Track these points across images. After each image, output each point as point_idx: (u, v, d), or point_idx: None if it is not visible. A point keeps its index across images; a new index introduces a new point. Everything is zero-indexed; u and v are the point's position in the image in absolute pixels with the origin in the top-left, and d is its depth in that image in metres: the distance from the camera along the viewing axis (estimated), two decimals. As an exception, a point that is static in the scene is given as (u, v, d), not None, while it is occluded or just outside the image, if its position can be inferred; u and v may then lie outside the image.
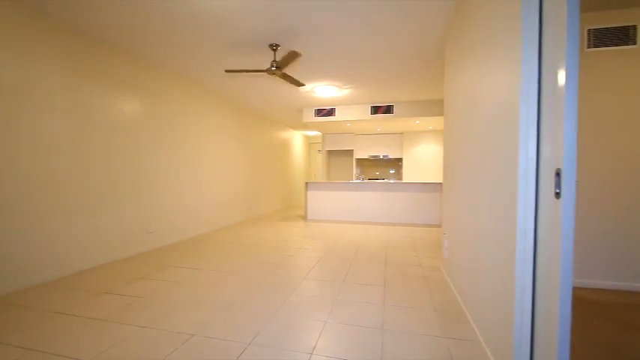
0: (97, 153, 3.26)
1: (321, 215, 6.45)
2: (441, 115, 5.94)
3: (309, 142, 11.48)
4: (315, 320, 2.07)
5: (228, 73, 3.71)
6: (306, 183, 6.54)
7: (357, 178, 9.04)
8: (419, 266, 3.27)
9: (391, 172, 9.14)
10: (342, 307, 2.28)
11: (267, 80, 4.72)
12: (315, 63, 3.99)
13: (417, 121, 6.82)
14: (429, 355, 1.68)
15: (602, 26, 2.58)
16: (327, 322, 2.04)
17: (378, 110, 6.27)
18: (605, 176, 2.61)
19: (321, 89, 5.20)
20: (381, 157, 8.59)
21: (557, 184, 1.06)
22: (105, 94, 3.35)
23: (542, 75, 1.21)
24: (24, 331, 1.93)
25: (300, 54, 3.25)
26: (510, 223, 1.35)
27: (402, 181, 6.20)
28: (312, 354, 1.69)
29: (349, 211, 6.28)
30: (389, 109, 6.24)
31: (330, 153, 9.39)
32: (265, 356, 1.67)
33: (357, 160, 9.00)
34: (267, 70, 3.42)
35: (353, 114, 6.43)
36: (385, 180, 8.41)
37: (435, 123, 7.05)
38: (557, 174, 1.06)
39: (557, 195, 1.06)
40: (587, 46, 2.61)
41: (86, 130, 3.14)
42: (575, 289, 2.60)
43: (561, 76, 1.04)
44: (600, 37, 2.59)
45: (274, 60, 3.40)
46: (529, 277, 1.26)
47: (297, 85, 3.95)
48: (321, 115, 6.62)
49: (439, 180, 6.97)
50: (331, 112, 6.55)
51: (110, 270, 3.13)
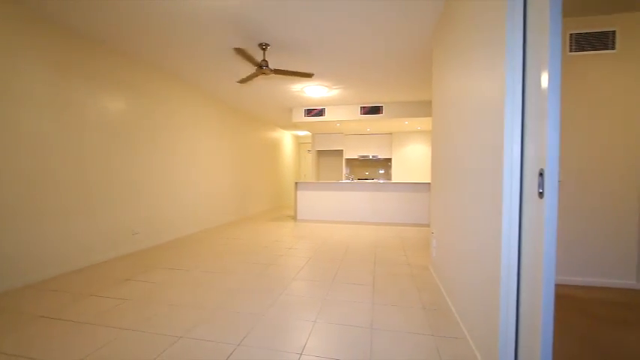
0: (84, 153, 3.18)
1: (311, 215, 6.45)
2: (430, 116, 6.02)
3: (298, 142, 11.46)
4: (305, 320, 2.07)
5: (240, 83, 3.79)
6: (296, 183, 6.53)
7: (347, 178, 9.07)
8: (407, 265, 3.30)
9: (380, 172, 9.21)
10: (331, 306, 2.28)
11: (257, 80, 4.68)
12: (305, 63, 3.99)
13: (406, 122, 6.89)
14: (417, 354, 1.70)
15: (584, 31, 2.66)
16: (316, 322, 2.04)
17: (366, 110, 6.31)
18: (585, 176, 2.69)
19: (311, 89, 5.20)
20: (371, 157, 8.65)
21: (541, 184, 1.08)
22: (92, 92, 3.27)
23: (526, 77, 1.24)
24: (4, 336, 1.86)
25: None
26: (496, 222, 1.38)
27: (391, 181, 6.25)
28: (301, 354, 1.69)
29: (339, 211, 6.30)
30: (378, 109, 6.28)
31: (320, 153, 9.39)
32: (254, 357, 1.66)
33: (347, 160, 9.03)
34: (257, 69, 3.39)
35: (342, 114, 6.46)
36: (374, 180, 8.47)
37: (424, 124, 7.14)
38: (541, 174, 1.09)
39: (541, 195, 1.09)
40: (570, 50, 2.68)
41: (71, 130, 3.06)
42: (556, 285, 2.68)
43: (544, 79, 1.07)
44: (582, 42, 2.67)
45: (264, 59, 3.39)
46: (514, 274, 1.29)
47: (305, 77, 3.88)
48: (311, 115, 6.62)
49: (427, 180, 7.06)
50: (321, 112, 6.56)
51: (95, 272, 3.06)
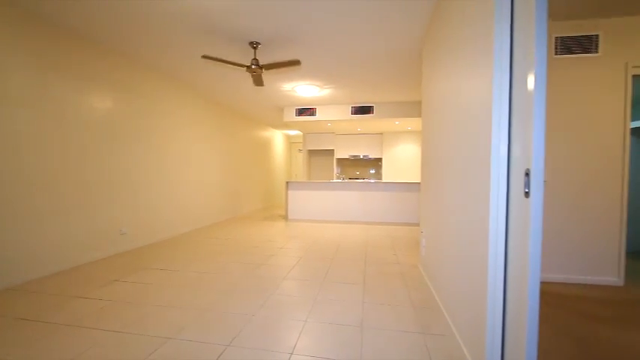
0: (68, 151, 3.10)
1: (302, 215, 6.45)
2: (419, 117, 6.07)
3: (290, 142, 11.43)
4: (295, 320, 2.07)
5: (203, 58, 3.49)
6: (287, 182, 6.51)
7: (338, 177, 9.10)
8: (397, 264, 3.33)
9: (371, 171, 9.26)
10: (322, 306, 2.29)
11: (247, 78, 4.65)
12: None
13: (397, 122, 6.94)
14: (406, 351, 1.72)
15: (569, 34, 2.73)
16: (307, 322, 2.04)
17: (357, 110, 6.34)
18: (569, 175, 2.76)
19: (302, 89, 5.19)
20: (362, 157, 8.69)
21: (527, 183, 1.11)
22: (81, 91, 3.20)
23: (514, 79, 1.26)
24: (-16, 340, 1.81)
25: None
26: (483, 221, 1.40)
27: (382, 181, 6.29)
28: (292, 354, 1.69)
29: (330, 211, 6.31)
30: (369, 109, 6.32)
31: (311, 152, 9.39)
32: (245, 357, 1.65)
33: (338, 160, 9.05)
34: (247, 68, 3.37)
35: (334, 114, 6.47)
36: (365, 180, 8.51)
37: (414, 124, 7.21)
38: (527, 174, 1.11)
39: (527, 194, 1.11)
40: (555, 53, 2.75)
41: (54, 127, 2.98)
42: (541, 283, 2.74)
43: (530, 81, 1.09)
44: (567, 45, 2.74)
45: (254, 58, 3.36)
46: (500, 273, 1.31)
47: (256, 85, 3.85)
48: (302, 115, 6.61)
49: (417, 180, 7.13)
50: (312, 111, 6.56)
51: (81, 273, 2.99)
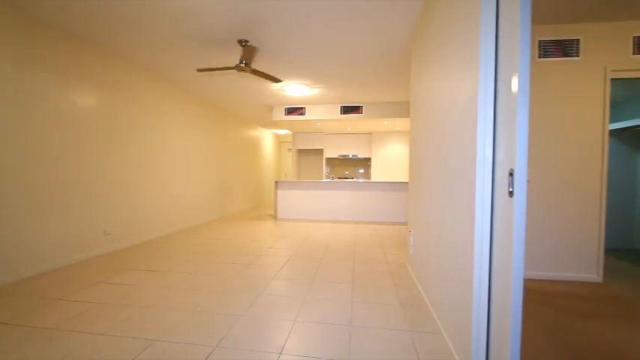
0: (49, 148, 3.01)
1: (291, 214, 6.43)
2: (408, 117, 6.14)
3: (279, 141, 11.38)
4: (284, 320, 2.07)
5: (199, 71, 3.54)
6: (276, 182, 6.49)
7: (327, 177, 9.11)
8: (386, 263, 3.36)
9: (360, 171, 9.31)
10: (311, 305, 2.29)
11: (236, 77, 4.61)
12: (285, 61, 3.96)
13: (385, 122, 7.00)
14: (394, 348, 1.74)
15: (552, 38, 2.80)
16: (296, 321, 2.04)
17: (346, 110, 6.36)
18: (553, 176, 2.84)
19: (292, 88, 5.17)
20: (351, 156, 8.72)
21: (511, 183, 1.14)
22: (62, 88, 3.10)
23: (498, 81, 1.29)
24: (-41, 346, 1.74)
25: (257, 48, 3.33)
26: (469, 220, 1.43)
27: (371, 181, 6.33)
28: (280, 353, 1.68)
29: (319, 210, 6.32)
30: (358, 109, 6.35)
31: (300, 152, 9.37)
32: (233, 358, 1.64)
33: (327, 160, 9.07)
34: (236, 67, 3.34)
35: (323, 113, 6.47)
36: (354, 179, 8.55)
37: (402, 124, 7.28)
38: (511, 174, 1.14)
39: (511, 194, 1.14)
40: (539, 56, 2.82)
41: (35, 124, 2.89)
42: (524, 280, 2.81)
43: (514, 83, 1.12)
44: (550, 49, 2.81)
45: (243, 56, 3.34)
46: (486, 270, 1.34)
47: (273, 82, 3.79)
48: (292, 114, 6.59)
49: (406, 179, 7.21)
50: (301, 111, 6.55)
51: (62, 275, 2.90)
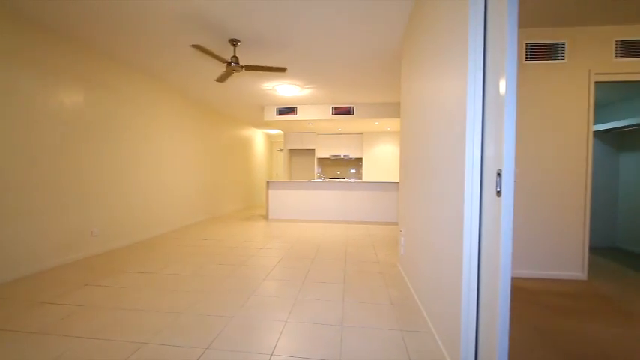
0: (33, 149, 2.93)
1: (283, 215, 6.41)
2: (399, 118, 6.19)
3: (270, 141, 11.34)
4: (276, 320, 2.06)
5: (193, 48, 3.23)
6: (268, 182, 6.46)
7: (319, 177, 9.12)
8: (377, 263, 3.38)
9: (352, 171, 9.34)
10: (302, 305, 2.29)
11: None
12: (277, 60, 3.95)
13: (376, 123, 7.04)
14: (385, 348, 1.75)
15: (538, 41, 2.86)
16: (287, 322, 2.04)
17: (338, 110, 6.38)
18: (539, 176, 2.90)
19: (283, 88, 5.16)
20: (342, 156, 8.75)
21: (498, 183, 1.16)
22: (47, 85, 3.03)
23: (486, 83, 1.32)
24: (-62, 352, 1.69)
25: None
26: (458, 219, 1.45)
27: (362, 181, 6.36)
28: (272, 354, 1.68)
29: (311, 211, 6.32)
30: (349, 109, 6.37)
31: (292, 152, 9.36)
32: (223, 360, 1.63)
33: (319, 160, 9.07)
34: (227, 65, 3.31)
35: (314, 114, 6.48)
36: (346, 179, 8.57)
37: (393, 125, 7.34)
38: (499, 174, 1.16)
39: (498, 193, 1.16)
40: (526, 59, 2.88)
41: (21, 123, 2.81)
42: (512, 278, 2.87)
43: (502, 85, 1.14)
44: (536, 51, 2.87)
45: (234, 55, 3.32)
46: (474, 269, 1.36)
47: (278, 71, 3.64)
48: (283, 114, 6.58)
49: (397, 180, 7.26)
50: (293, 111, 6.54)
51: (48, 277, 2.84)
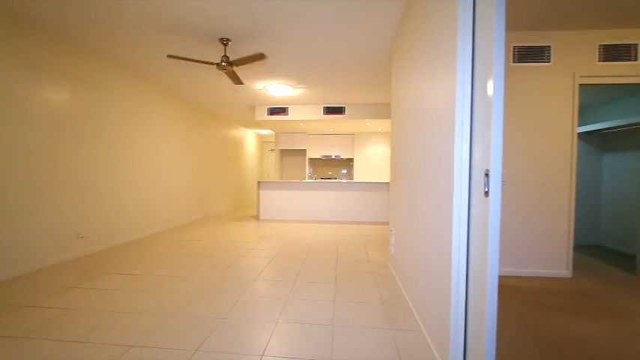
0: (16, 148, 2.85)
1: (274, 215, 6.39)
2: (389, 118, 6.23)
3: (261, 141, 11.28)
4: (267, 321, 2.05)
5: (170, 58, 3.26)
6: (259, 182, 6.43)
7: (310, 177, 9.11)
8: (368, 263, 3.40)
9: (343, 172, 9.36)
10: (293, 306, 2.28)
11: (218, 76, 4.53)
12: (268, 61, 3.94)
13: (367, 123, 7.08)
14: (376, 347, 1.76)
15: (525, 44, 2.92)
16: (278, 323, 2.03)
17: (329, 110, 6.39)
18: (525, 176, 2.96)
19: (274, 88, 5.14)
20: (334, 157, 8.76)
21: (486, 183, 1.18)
22: (33, 83, 2.95)
23: (475, 85, 1.34)
24: None
25: (265, 56, 3.21)
26: (447, 219, 1.47)
27: (354, 181, 6.38)
28: (262, 355, 1.67)
29: (302, 211, 6.31)
30: (341, 110, 6.39)
31: (283, 152, 9.33)
32: (213, 362, 1.61)
33: (310, 160, 9.07)
34: (217, 65, 3.29)
35: (306, 114, 6.47)
36: (337, 180, 8.59)
37: (384, 125, 7.39)
38: (486, 174, 1.18)
39: (486, 194, 1.18)
40: (513, 61, 2.93)
41: (6, 122, 2.73)
42: (500, 277, 2.92)
43: (490, 87, 1.16)
44: (523, 54, 2.93)
45: (224, 55, 3.29)
46: (463, 268, 1.38)
47: (235, 83, 3.83)
48: (274, 114, 6.55)
49: (388, 180, 7.31)
50: (284, 111, 6.52)
51: (31, 281, 2.76)
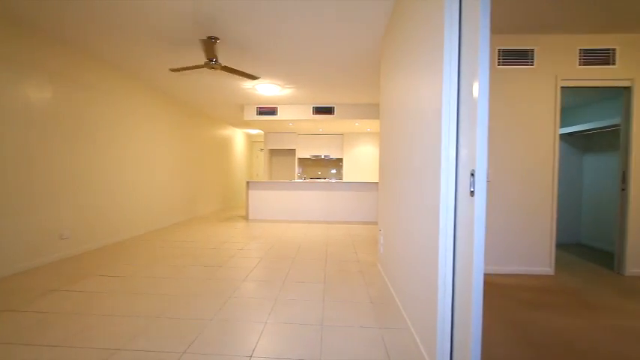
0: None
1: (263, 215, 6.36)
2: (378, 118, 6.28)
3: (251, 141, 11.21)
4: (255, 322, 2.04)
5: (172, 71, 3.37)
6: (248, 182, 6.39)
7: (299, 177, 9.10)
8: (357, 262, 3.42)
9: (332, 172, 9.39)
10: (282, 306, 2.28)
11: (205, 74, 4.48)
12: (257, 59, 3.91)
13: (357, 123, 7.12)
14: (364, 345, 1.78)
15: (509, 47, 2.99)
16: (267, 323, 2.02)
17: (318, 110, 6.40)
18: (509, 176, 3.03)
19: (263, 87, 5.12)
20: (323, 157, 8.78)
21: (472, 183, 1.20)
22: (9, 78, 2.85)
23: (461, 87, 1.36)
24: None
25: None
26: (434, 218, 1.49)
27: (343, 181, 6.41)
28: (251, 356, 1.66)
29: (291, 211, 6.30)
30: (330, 110, 6.40)
31: (272, 152, 9.29)
32: (201, 364, 1.60)
33: (299, 160, 9.06)
34: (205, 64, 3.25)
35: (295, 113, 6.46)
36: (327, 180, 8.61)
37: (373, 125, 7.44)
38: (472, 174, 1.20)
39: (472, 193, 1.20)
40: (498, 64, 3.00)
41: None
42: (486, 275, 2.98)
43: (475, 89, 1.19)
44: (508, 57, 3.00)
45: (214, 53, 3.26)
46: (450, 266, 1.40)
47: (250, 79, 3.69)
48: (263, 114, 6.52)
49: (377, 180, 7.37)
50: (273, 110, 6.49)
51: (11, 284, 2.67)
